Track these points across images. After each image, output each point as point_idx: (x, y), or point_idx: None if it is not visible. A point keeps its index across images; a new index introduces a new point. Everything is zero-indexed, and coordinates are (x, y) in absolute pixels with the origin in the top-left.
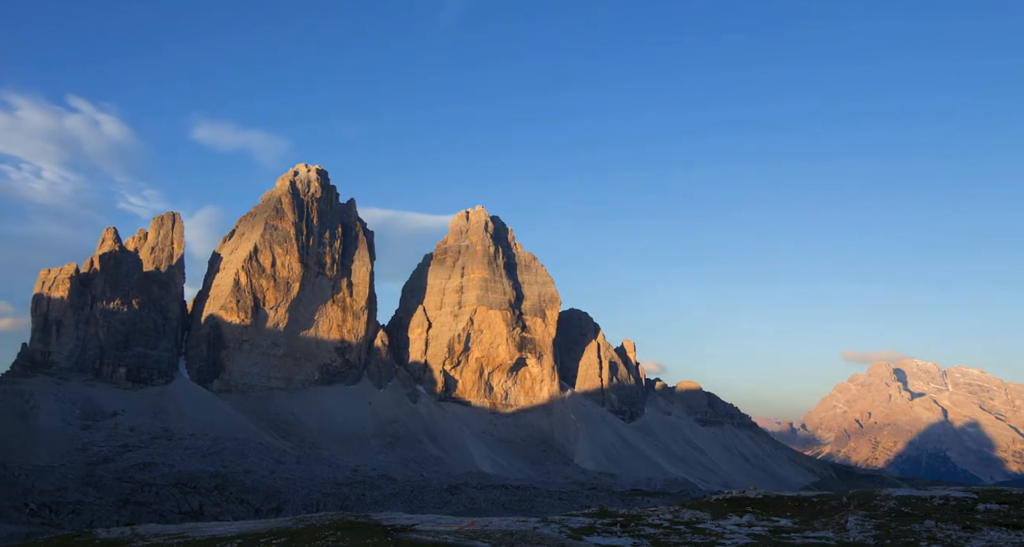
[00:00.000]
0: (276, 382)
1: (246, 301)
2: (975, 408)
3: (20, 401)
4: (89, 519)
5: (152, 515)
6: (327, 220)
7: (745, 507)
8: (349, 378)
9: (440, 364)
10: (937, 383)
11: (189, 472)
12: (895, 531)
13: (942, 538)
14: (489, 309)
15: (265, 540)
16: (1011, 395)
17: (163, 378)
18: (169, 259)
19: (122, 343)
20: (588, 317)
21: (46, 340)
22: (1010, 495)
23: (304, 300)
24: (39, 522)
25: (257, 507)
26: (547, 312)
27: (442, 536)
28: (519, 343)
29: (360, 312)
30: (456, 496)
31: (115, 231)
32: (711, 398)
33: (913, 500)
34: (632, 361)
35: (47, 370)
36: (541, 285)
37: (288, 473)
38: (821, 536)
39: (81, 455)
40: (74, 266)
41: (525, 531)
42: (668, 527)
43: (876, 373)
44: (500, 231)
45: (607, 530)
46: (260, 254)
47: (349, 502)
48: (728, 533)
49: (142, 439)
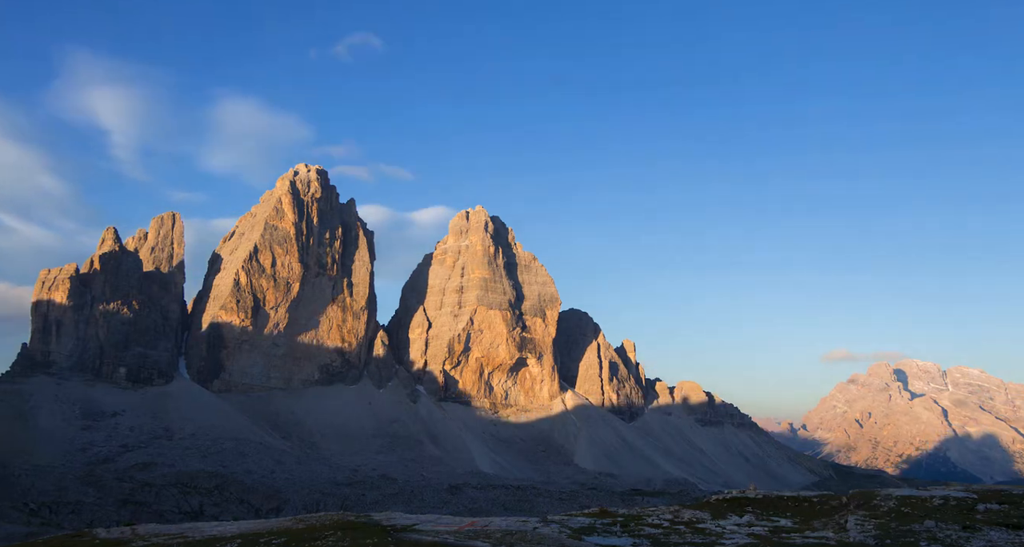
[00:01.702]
0: (276, 382)
1: (246, 301)
2: (975, 408)
3: (20, 401)
4: (89, 519)
5: (152, 515)
6: (327, 220)
7: (745, 507)
8: (349, 378)
9: (440, 364)
10: (937, 383)
11: (189, 472)
12: (895, 531)
13: (942, 538)
14: (489, 309)
15: (265, 540)
16: (1011, 395)
17: (163, 378)
18: (169, 259)
19: (122, 343)
20: (588, 317)
21: (46, 340)
22: (1010, 495)
23: (304, 300)
24: (39, 522)
25: (257, 507)
26: (547, 312)
27: (442, 536)
28: (519, 343)
29: (360, 312)
30: (456, 496)
31: (115, 231)
32: (711, 398)
33: (913, 500)
34: (632, 361)
35: (47, 370)
36: (541, 285)
37: (288, 473)
38: (821, 536)
39: (81, 455)
40: (74, 266)
41: (525, 531)
42: (668, 527)
43: (876, 373)
44: (500, 231)
45: (607, 530)
46: (260, 254)
47: (349, 502)
48: (728, 533)
49: (142, 439)
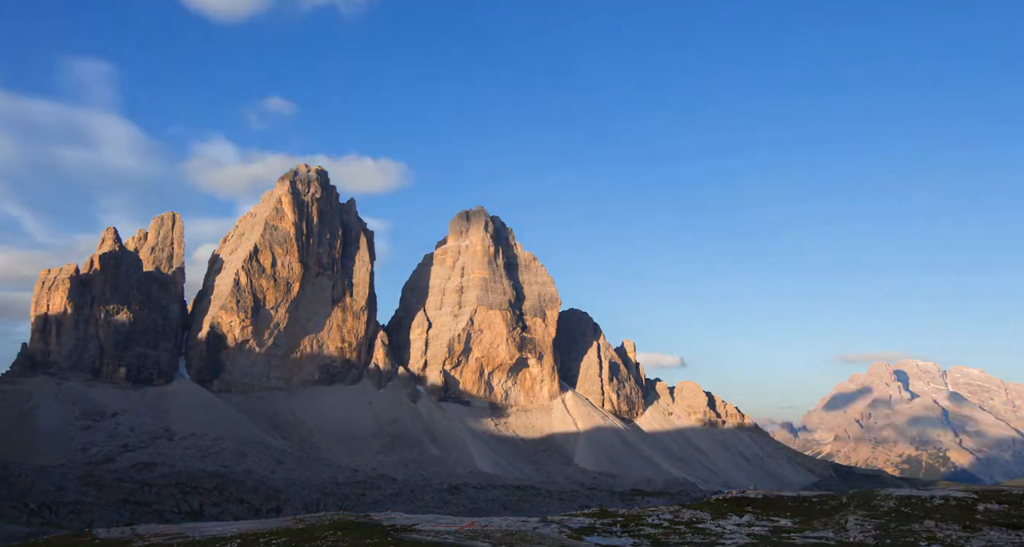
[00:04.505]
0: (276, 382)
1: (246, 301)
2: (975, 408)
3: (20, 401)
4: (89, 519)
5: (152, 515)
6: (327, 220)
7: (745, 507)
8: (349, 378)
9: (440, 364)
10: (937, 383)
11: (189, 472)
12: (895, 531)
13: (942, 538)
14: (489, 309)
15: (265, 540)
16: (1011, 395)
17: (163, 378)
18: (169, 259)
19: (122, 343)
20: (588, 317)
21: (46, 340)
22: (1010, 495)
23: (304, 300)
24: (39, 522)
25: (257, 507)
26: (547, 312)
27: (442, 536)
28: (519, 343)
29: (360, 312)
30: (456, 496)
31: (115, 231)
32: (711, 398)
33: (913, 500)
34: (632, 361)
35: (47, 370)
36: (541, 285)
37: (288, 473)
38: (821, 536)
39: (81, 455)
40: (74, 266)
41: (525, 531)
42: (668, 527)
43: (876, 373)
44: (500, 231)
45: (607, 530)
46: (260, 254)
47: (349, 502)
48: (728, 533)
49: (142, 439)
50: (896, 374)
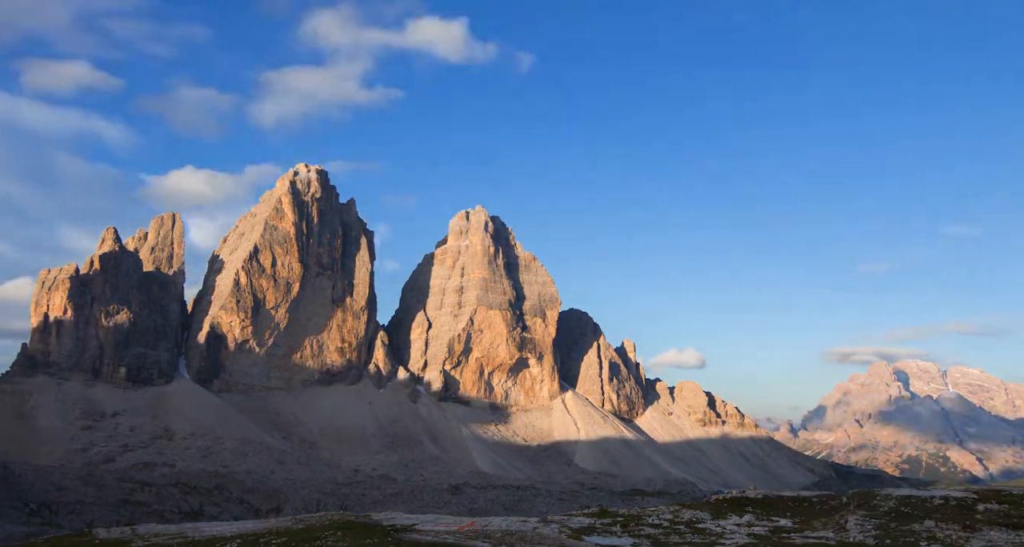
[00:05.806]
0: (276, 382)
1: (246, 301)
2: (975, 408)
3: (20, 401)
4: (89, 519)
5: (152, 515)
6: (327, 220)
7: (745, 507)
8: (349, 378)
9: (440, 364)
10: (937, 383)
11: (189, 472)
12: (895, 531)
13: (942, 538)
14: (489, 309)
15: (265, 540)
16: (1011, 395)
17: (163, 378)
18: (169, 259)
19: (122, 343)
20: (588, 317)
21: (46, 340)
22: (1010, 495)
23: (304, 300)
24: (39, 522)
25: (257, 507)
26: (547, 312)
27: (442, 536)
28: (519, 343)
29: (360, 312)
30: (456, 496)
31: (115, 231)
32: (711, 398)
33: (913, 500)
34: (632, 361)
35: (47, 370)
36: (541, 285)
37: (288, 473)
38: (821, 536)
39: (81, 455)
40: (74, 266)
41: (525, 531)
42: (668, 527)
43: (876, 373)
44: (500, 231)
45: (607, 530)
46: (260, 254)
47: (349, 502)
48: (728, 533)
49: (142, 439)
50: (896, 374)
